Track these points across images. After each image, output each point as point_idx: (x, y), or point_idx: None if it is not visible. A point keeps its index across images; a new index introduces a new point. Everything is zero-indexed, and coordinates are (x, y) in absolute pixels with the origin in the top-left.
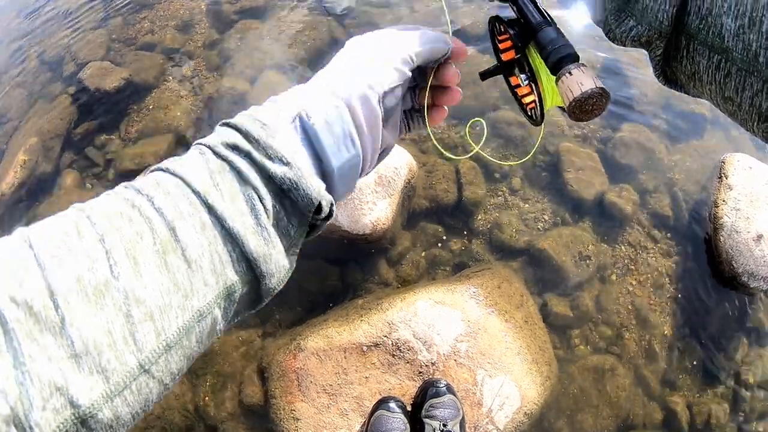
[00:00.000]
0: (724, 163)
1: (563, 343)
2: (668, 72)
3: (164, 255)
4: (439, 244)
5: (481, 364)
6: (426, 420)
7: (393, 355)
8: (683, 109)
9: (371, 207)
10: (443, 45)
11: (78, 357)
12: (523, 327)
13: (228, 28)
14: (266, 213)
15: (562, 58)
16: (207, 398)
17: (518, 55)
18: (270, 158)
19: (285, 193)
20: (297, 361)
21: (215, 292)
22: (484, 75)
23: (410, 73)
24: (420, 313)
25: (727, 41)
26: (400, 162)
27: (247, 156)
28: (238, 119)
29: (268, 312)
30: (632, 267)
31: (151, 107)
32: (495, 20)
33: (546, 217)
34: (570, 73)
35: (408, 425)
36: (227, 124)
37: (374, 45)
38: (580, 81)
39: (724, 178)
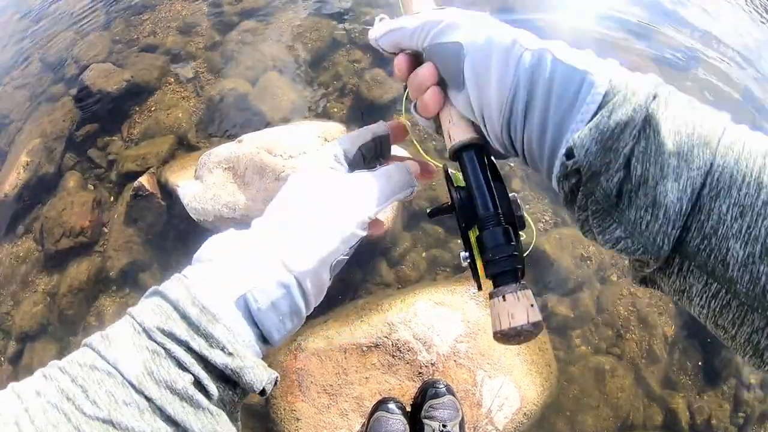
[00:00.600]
0: None
1: (563, 343)
2: (648, 278)
3: None
4: (440, 246)
5: (480, 364)
6: (425, 421)
7: (393, 356)
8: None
9: None
10: (407, 190)
11: None
12: None
13: (229, 29)
14: (208, 397)
15: (500, 274)
16: None
17: (462, 227)
18: (211, 346)
19: (227, 377)
20: (298, 362)
21: None
22: (433, 213)
23: (365, 233)
24: (420, 314)
25: (732, 270)
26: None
27: (185, 345)
28: (176, 294)
29: None
30: None
31: (153, 109)
32: (447, 172)
33: (546, 218)
34: (504, 297)
35: (407, 426)
36: (164, 297)
37: (329, 202)
38: (512, 312)
39: None
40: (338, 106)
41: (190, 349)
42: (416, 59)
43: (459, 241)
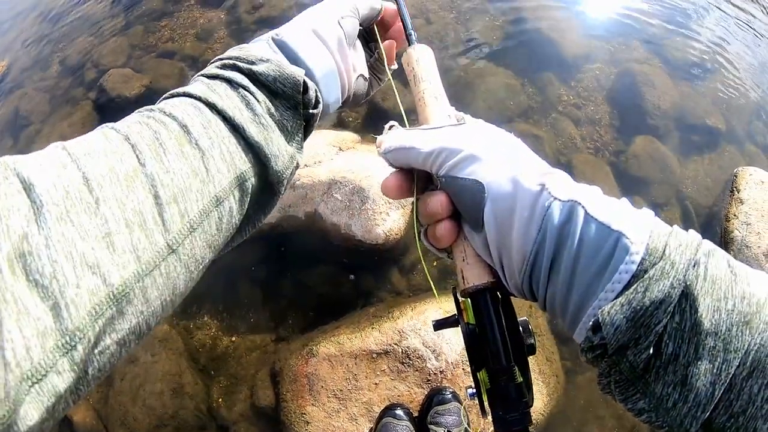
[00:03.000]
0: (736, 176)
1: (571, 354)
2: None
3: (180, 146)
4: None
5: None
6: (431, 426)
7: (402, 363)
8: (697, 122)
9: (384, 217)
10: (378, 4)
11: (110, 235)
12: None
13: (247, 37)
14: (260, 105)
15: None
16: (220, 399)
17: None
18: (253, 62)
19: (272, 87)
20: (309, 366)
21: (228, 179)
22: (438, 325)
23: (357, 12)
24: (429, 322)
25: None
26: None
27: (233, 67)
28: (222, 54)
29: (282, 316)
30: None
31: None
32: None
33: None
34: None
35: None
36: (214, 60)
37: (327, 2)
38: None
39: (736, 192)
40: (353, 115)
41: (238, 69)
42: (428, 177)
43: None
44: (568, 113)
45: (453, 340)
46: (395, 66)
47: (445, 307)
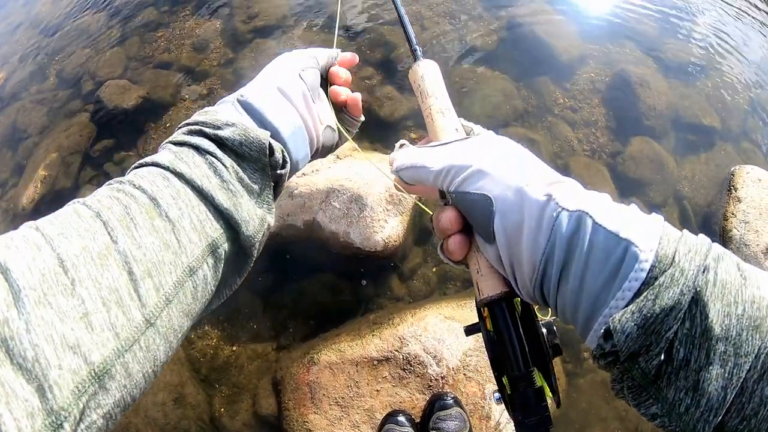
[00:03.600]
0: (733, 175)
1: (572, 356)
2: None
3: (151, 220)
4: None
5: (489, 377)
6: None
7: (404, 369)
8: (693, 122)
9: (383, 225)
10: (334, 53)
11: (88, 315)
12: None
13: (242, 47)
14: (227, 171)
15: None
16: (222, 409)
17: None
18: (219, 127)
19: (238, 151)
20: (310, 374)
21: (200, 248)
22: (469, 331)
23: (317, 63)
24: (430, 328)
25: None
26: None
27: (200, 132)
28: (189, 119)
29: (283, 325)
30: None
31: (168, 125)
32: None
33: None
34: None
35: None
36: (181, 125)
37: (283, 57)
38: None
39: (734, 191)
40: None
41: (204, 134)
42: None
43: None
44: (564, 116)
45: (453, 346)
46: (362, 118)
47: (445, 312)
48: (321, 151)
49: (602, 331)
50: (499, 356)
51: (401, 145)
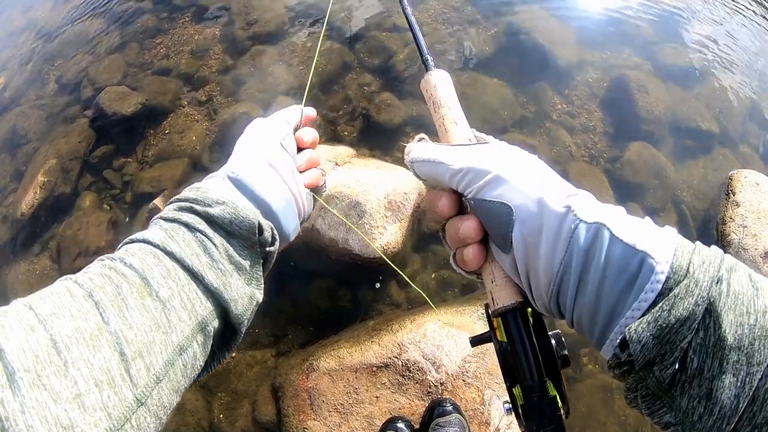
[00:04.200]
0: (731, 179)
1: (572, 361)
2: None
3: (142, 299)
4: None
5: (488, 383)
6: None
7: (403, 375)
8: (691, 126)
9: (381, 231)
10: (299, 113)
11: (81, 396)
12: None
13: (241, 53)
14: (217, 249)
15: None
16: (222, 415)
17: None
18: (209, 205)
19: (228, 229)
20: (309, 381)
21: (190, 326)
22: (475, 342)
23: (292, 126)
24: (429, 335)
25: None
26: (409, 187)
27: (190, 210)
28: (179, 195)
29: (282, 331)
30: None
31: (167, 131)
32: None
33: None
34: None
35: None
36: (172, 201)
37: (260, 126)
38: None
39: (731, 195)
40: (348, 129)
41: (195, 212)
42: (457, 199)
43: None
44: (562, 122)
45: (452, 353)
46: (326, 177)
47: (444, 318)
48: (305, 218)
49: (618, 341)
50: (511, 366)
51: (420, 139)
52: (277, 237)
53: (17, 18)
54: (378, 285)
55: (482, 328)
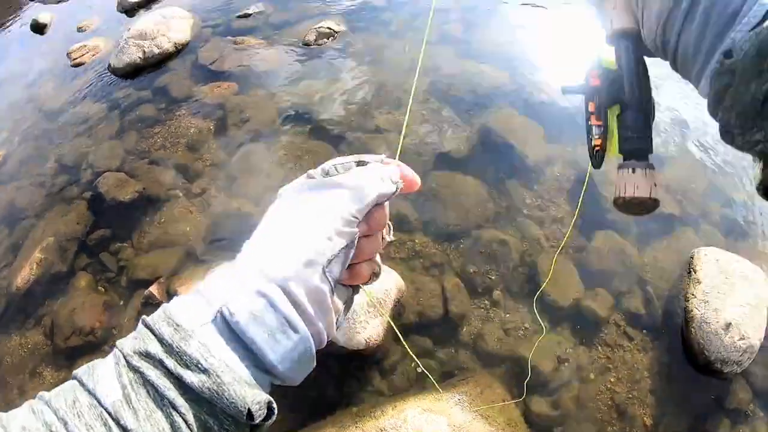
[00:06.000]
0: (692, 258)
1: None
2: None
3: None
4: (428, 355)
5: None
6: None
7: None
8: (654, 211)
9: (364, 325)
10: (390, 188)
11: None
12: (506, 429)
13: (235, 149)
14: (189, 428)
15: (636, 150)
16: None
17: (597, 108)
18: (186, 365)
19: (205, 405)
20: None
21: None
22: (567, 90)
23: (357, 230)
24: (410, 420)
25: None
26: (390, 283)
27: (160, 364)
28: (154, 318)
29: None
30: (610, 365)
31: (162, 220)
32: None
33: (526, 325)
34: (633, 170)
35: None
36: (145, 324)
37: (310, 205)
38: (638, 184)
39: (693, 273)
40: None
41: (166, 371)
42: None
43: (445, 351)
44: (532, 215)
45: None
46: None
47: (423, 405)
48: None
49: (722, 49)
50: (614, 87)
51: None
52: (275, 411)
53: (19, 91)
54: (361, 373)
55: (458, 412)
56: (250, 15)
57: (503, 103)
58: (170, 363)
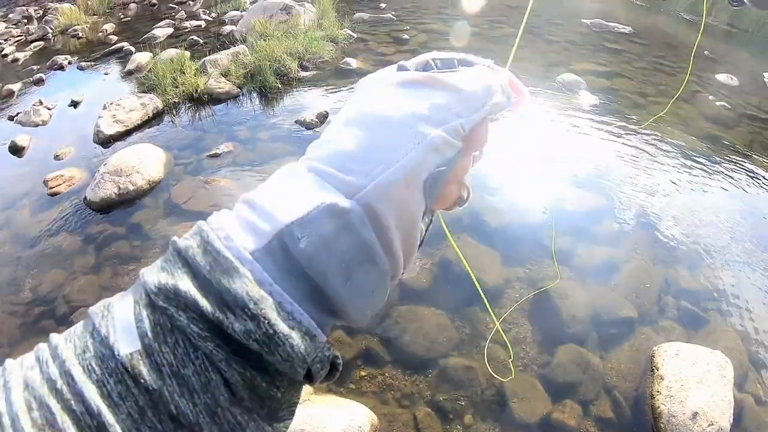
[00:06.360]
0: (653, 355)
1: None
2: None
3: None
4: None
5: None
6: None
7: None
8: (611, 317)
9: None
10: (503, 101)
11: None
12: None
13: None
14: (228, 387)
15: None
16: None
17: None
18: (228, 308)
19: (257, 356)
20: None
21: None
22: None
23: (461, 145)
24: None
25: None
26: (363, 419)
27: (195, 307)
28: (189, 242)
29: None
30: None
31: None
32: None
33: None
34: None
35: None
36: (176, 248)
37: (411, 103)
38: None
39: (656, 370)
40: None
41: (201, 315)
42: None
43: None
44: (496, 339)
45: None
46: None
47: None
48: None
49: None
50: None
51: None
52: (340, 368)
53: None
54: None
55: None
56: (219, 155)
57: (460, 234)
58: (206, 305)
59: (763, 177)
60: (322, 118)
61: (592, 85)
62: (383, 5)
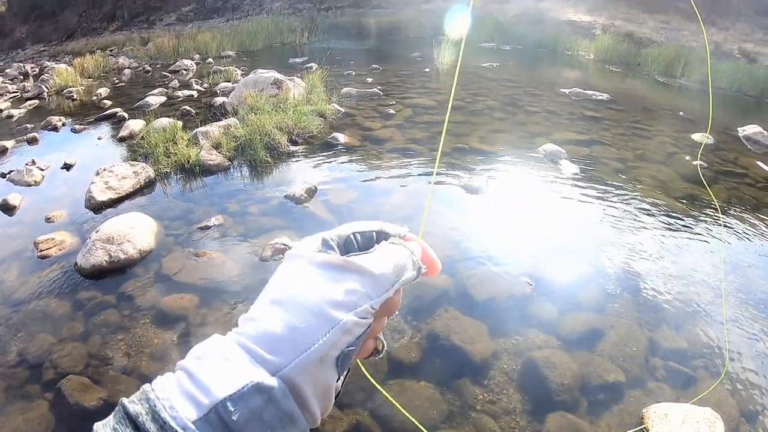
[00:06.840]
0: (642, 418)
1: None
2: None
3: None
4: None
5: None
6: None
7: None
8: (599, 383)
9: None
10: (411, 275)
11: None
12: None
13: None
14: None
15: None
16: None
17: None
18: None
19: None
20: None
21: None
22: None
23: (372, 320)
24: None
25: None
26: None
27: None
28: (137, 409)
29: None
30: None
31: None
32: None
33: None
34: None
35: None
36: (126, 413)
37: (328, 289)
38: None
39: None
40: None
41: None
42: None
43: None
44: (485, 410)
45: None
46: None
47: None
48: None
49: None
50: None
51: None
52: None
53: None
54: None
55: None
56: (210, 227)
57: (447, 307)
58: None
59: (743, 231)
60: (311, 192)
61: (573, 154)
62: (369, 80)
